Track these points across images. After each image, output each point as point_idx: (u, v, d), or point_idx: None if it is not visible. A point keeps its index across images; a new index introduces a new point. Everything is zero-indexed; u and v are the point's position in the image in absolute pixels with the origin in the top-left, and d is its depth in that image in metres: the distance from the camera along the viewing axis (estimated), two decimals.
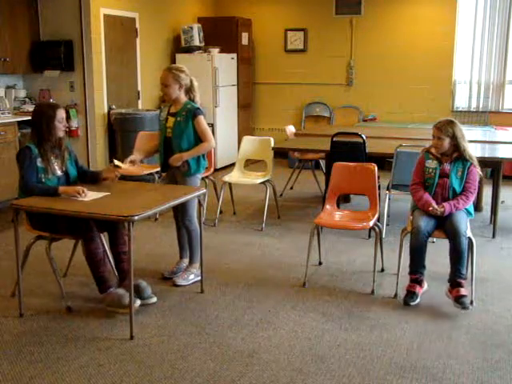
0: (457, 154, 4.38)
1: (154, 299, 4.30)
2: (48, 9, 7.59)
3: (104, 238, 4.25)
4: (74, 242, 4.67)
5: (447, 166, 4.40)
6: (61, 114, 4.22)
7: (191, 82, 4.61)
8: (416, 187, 4.50)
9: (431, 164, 4.45)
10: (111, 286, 4.11)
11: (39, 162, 4.16)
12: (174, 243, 4.94)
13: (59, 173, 4.25)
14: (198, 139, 4.58)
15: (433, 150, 4.47)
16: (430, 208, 4.31)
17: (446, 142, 4.35)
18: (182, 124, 4.54)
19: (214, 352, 3.62)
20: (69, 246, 4.69)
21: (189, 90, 4.62)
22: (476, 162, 4.41)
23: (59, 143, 4.30)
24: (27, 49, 7.46)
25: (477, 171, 4.41)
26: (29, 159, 4.13)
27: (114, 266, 4.33)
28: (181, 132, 4.54)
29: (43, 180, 4.15)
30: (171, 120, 4.59)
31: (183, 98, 4.59)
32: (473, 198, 4.42)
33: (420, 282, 4.37)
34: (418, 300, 4.32)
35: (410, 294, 4.33)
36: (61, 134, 4.25)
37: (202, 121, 4.58)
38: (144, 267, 4.97)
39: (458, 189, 4.38)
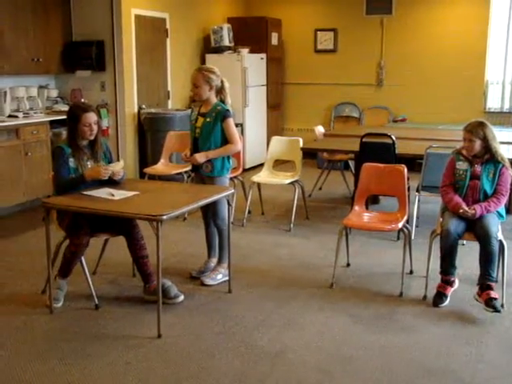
0: (488, 156, 4.32)
1: (181, 297, 4.32)
2: (80, 9, 7.69)
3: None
4: (104, 240, 4.72)
5: (478, 168, 4.34)
6: (87, 118, 4.21)
7: (222, 82, 4.61)
8: (446, 189, 4.45)
9: (462, 166, 4.40)
10: (66, 279, 4.28)
11: (71, 162, 4.22)
12: (202, 243, 4.96)
13: None
14: (225, 141, 4.59)
15: (464, 152, 4.41)
16: (461, 210, 4.26)
17: (477, 145, 4.29)
18: (211, 125, 4.55)
19: (241, 352, 3.62)
20: (98, 244, 4.73)
21: (219, 91, 4.62)
22: (508, 164, 4.35)
23: (92, 145, 4.33)
24: (59, 49, 7.56)
25: (509, 173, 4.34)
26: (62, 158, 4.20)
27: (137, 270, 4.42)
28: (208, 133, 4.55)
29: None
30: (200, 120, 4.60)
31: (213, 98, 4.60)
32: (505, 200, 4.35)
33: (451, 283, 4.34)
34: (447, 302, 4.29)
35: (440, 296, 4.30)
36: (88, 137, 4.26)
37: (231, 123, 4.59)
38: (172, 266, 5.00)
39: (489, 191, 4.32)
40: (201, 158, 4.54)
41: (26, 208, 6.72)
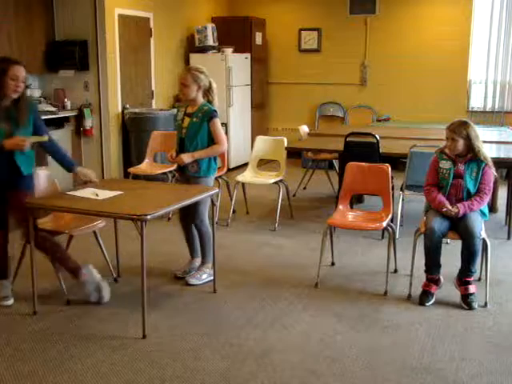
0: (471, 155, 4.35)
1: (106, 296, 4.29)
2: (63, 9, 7.63)
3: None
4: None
5: (461, 167, 4.36)
6: (16, 70, 3.89)
7: (210, 83, 4.61)
8: (430, 188, 4.47)
9: (445, 165, 4.42)
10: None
11: None
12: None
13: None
14: (211, 141, 4.59)
15: (447, 151, 4.44)
16: (444, 209, 4.28)
17: (460, 144, 4.32)
18: (197, 125, 4.54)
19: (226, 352, 3.62)
20: (81, 248, 4.70)
21: (207, 92, 4.62)
22: (491, 163, 4.38)
23: (14, 106, 3.97)
24: (42, 49, 7.51)
25: (492, 172, 4.38)
26: None
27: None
28: (195, 133, 4.54)
29: None
30: (187, 120, 4.59)
31: (201, 99, 4.60)
32: (487, 199, 4.38)
33: (436, 282, 4.38)
34: (433, 300, 4.32)
35: (426, 294, 4.34)
36: (12, 93, 3.90)
37: (218, 124, 4.59)
38: (156, 266, 4.98)
39: (472, 190, 4.34)
40: (187, 158, 4.53)
41: None
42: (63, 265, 4.21)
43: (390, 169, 4.86)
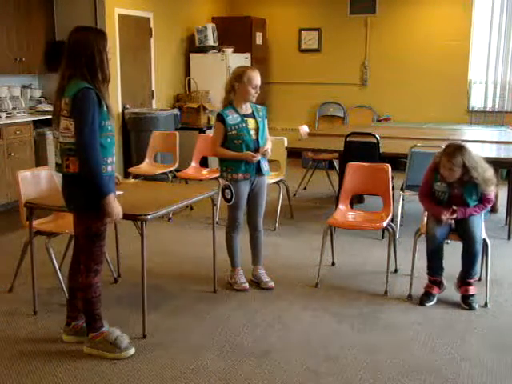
0: (468, 178, 4.14)
1: (133, 350, 3.59)
2: (63, 9, 7.63)
3: None
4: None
5: (458, 190, 4.20)
6: (109, 42, 3.41)
7: None
8: (424, 198, 4.36)
9: (440, 187, 4.25)
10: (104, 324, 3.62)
11: (104, 106, 3.30)
12: (187, 242, 4.94)
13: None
14: None
15: (443, 174, 4.21)
16: (443, 217, 4.20)
17: (458, 173, 4.12)
18: (263, 123, 4.61)
19: (226, 352, 3.62)
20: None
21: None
22: (492, 182, 4.16)
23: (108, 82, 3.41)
24: (42, 49, 7.51)
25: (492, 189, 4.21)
26: (98, 106, 3.23)
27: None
28: (263, 131, 4.60)
29: (109, 127, 3.33)
30: (252, 121, 4.54)
31: None
32: (489, 207, 4.30)
33: (439, 284, 4.37)
34: (434, 301, 4.32)
35: (427, 295, 4.33)
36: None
37: None
38: (157, 266, 4.98)
39: (471, 204, 4.21)
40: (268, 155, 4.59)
41: (9, 209, 6.66)
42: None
43: (390, 169, 4.85)
